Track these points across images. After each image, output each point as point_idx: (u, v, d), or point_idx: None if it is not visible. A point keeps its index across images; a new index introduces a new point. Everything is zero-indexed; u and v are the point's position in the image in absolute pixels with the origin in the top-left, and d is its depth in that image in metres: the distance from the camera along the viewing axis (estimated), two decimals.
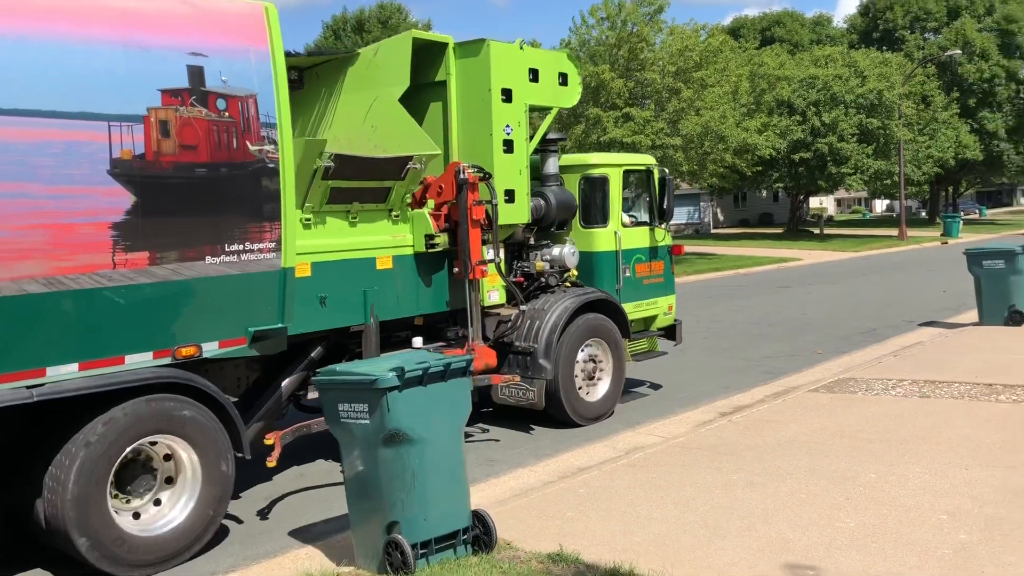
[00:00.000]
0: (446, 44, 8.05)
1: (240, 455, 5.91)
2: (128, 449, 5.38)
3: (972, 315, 13.70)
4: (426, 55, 7.99)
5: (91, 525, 5.15)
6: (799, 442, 7.28)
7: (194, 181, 5.63)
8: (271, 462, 5.71)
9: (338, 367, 5.23)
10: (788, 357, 11.94)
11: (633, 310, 9.43)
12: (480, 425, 8.72)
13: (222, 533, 6.02)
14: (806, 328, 14.49)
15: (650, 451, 7.32)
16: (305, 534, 5.99)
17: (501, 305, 8.47)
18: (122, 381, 5.34)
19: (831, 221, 62.71)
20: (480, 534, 5.11)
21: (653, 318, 9.88)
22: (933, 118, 47.02)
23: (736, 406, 9.03)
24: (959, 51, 48.01)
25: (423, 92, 8.10)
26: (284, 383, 6.72)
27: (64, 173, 5.07)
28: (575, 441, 8.09)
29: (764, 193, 57.72)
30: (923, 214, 67.86)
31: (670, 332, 10.08)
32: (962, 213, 57.23)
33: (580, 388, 8.66)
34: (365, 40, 60.21)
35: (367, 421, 4.82)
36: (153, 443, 5.60)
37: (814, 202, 65.77)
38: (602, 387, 8.89)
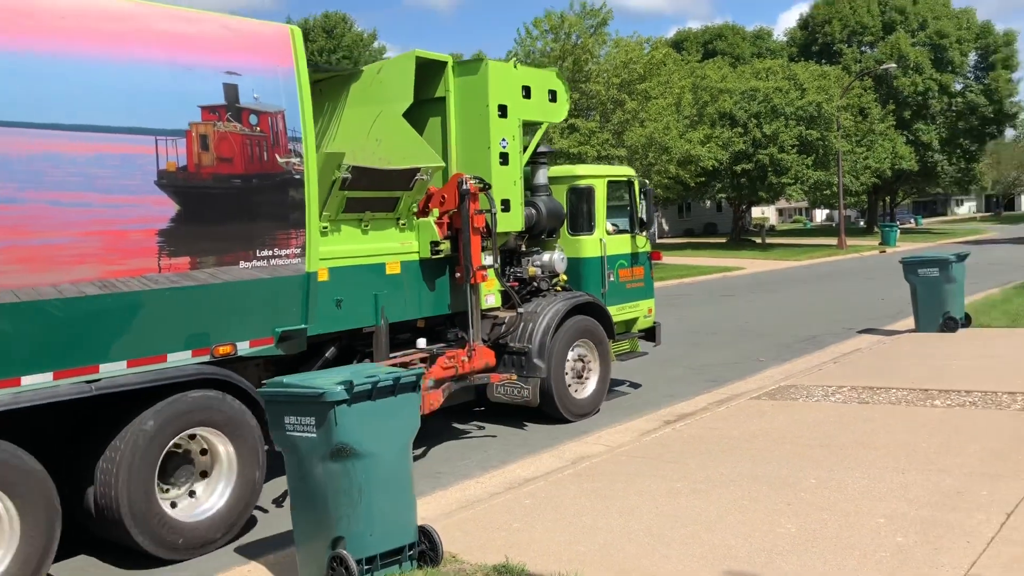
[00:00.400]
0: (445, 63, 8.53)
1: (268, 448, 6.13)
2: (173, 441, 5.80)
3: (909, 322, 14.05)
4: (426, 73, 8.43)
5: (141, 511, 5.56)
6: (742, 449, 7.40)
7: (230, 191, 6.06)
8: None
9: (285, 379, 5.17)
10: (731, 365, 12.12)
11: (617, 313, 9.95)
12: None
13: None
14: (749, 336, 14.73)
15: (595, 460, 7.38)
16: (249, 551, 5.92)
17: (497, 308, 8.85)
18: (170, 377, 5.78)
19: (773, 230, 63.88)
20: (426, 549, 5.10)
21: (634, 320, 10.44)
22: (870, 130, 48.18)
23: (680, 414, 9.14)
24: (894, 65, 49.34)
25: (423, 107, 8.50)
26: None
27: (119, 184, 5.51)
28: (522, 451, 8.13)
29: (708, 203, 58.65)
30: (862, 223, 69.46)
31: (650, 334, 10.67)
32: (899, 222, 58.66)
33: (570, 386, 9.14)
34: (309, 49, 59.77)
35: (314, 435, 4.78)
36: (192, 436, 5.96)
37: (756, 212, 66.87)
38: (590, 385, 9.40)
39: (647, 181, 10.98)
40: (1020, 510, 5.57)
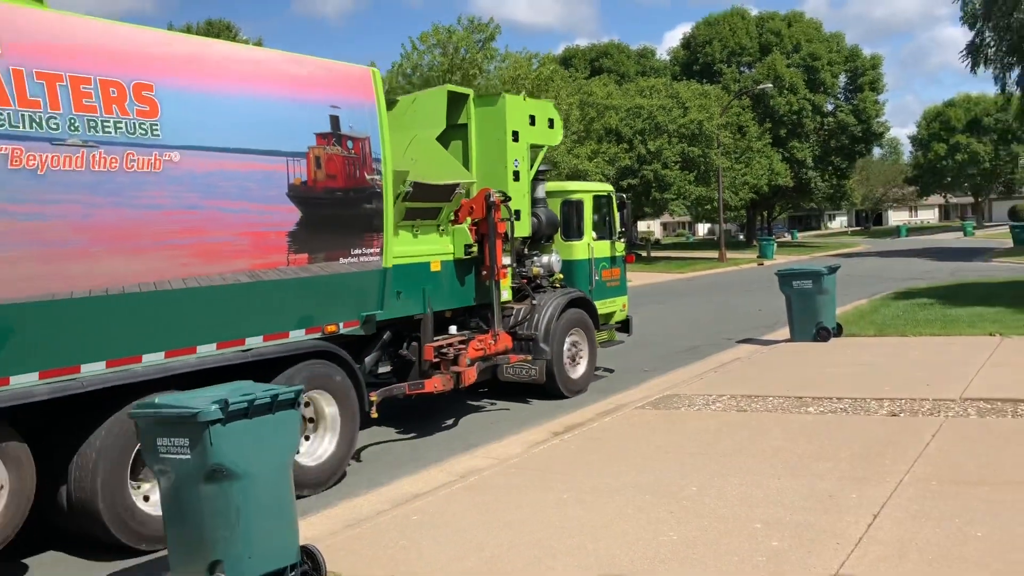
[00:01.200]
0: (468, 95, 10.26)
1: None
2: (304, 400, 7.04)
3: (785, 332, 14.58)
4: (452, 103, 10.07)
5: None
6: (627, 458, 7.52)
7: (334, 202, 7.50)
8: (374, 414, 7.93)
9: (157, 399, 4.97)
10: (618, 375, 12.33)
11: (600, 307, 11.81)
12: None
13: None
14: (634, 347, 14.99)
15: (484, 474, 7.37)
16: None
17: (508, 301, 10.40)
18: (300, 348, 7.31)
19: (658, 244, 65.57)
20: (309, 570, 4.98)
21: (612, 314, 12.40)
22: (748, 147, 50.01)
23: (568, 425, 9.23)
24: (771, 85, 51.49)
25: (447, 132, 10.05)
26: (366, 359, 8.46)
27: (262, 194, 6.88)
28: (411, 467, 8.05)
29: None
30: (741, 237, 71.95)
31: (625, 326, 12.76)
32: (776, 236, 61.05)
33: (567, 367, 10.86)
34: None
35: (188, 456, 4.61)
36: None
37: (642, 226, 68.50)
38: (581, 367, 11.23)
39: (624, 196, 12.66)
40: (885, 512, 5.84)
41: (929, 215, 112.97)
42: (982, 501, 5.93)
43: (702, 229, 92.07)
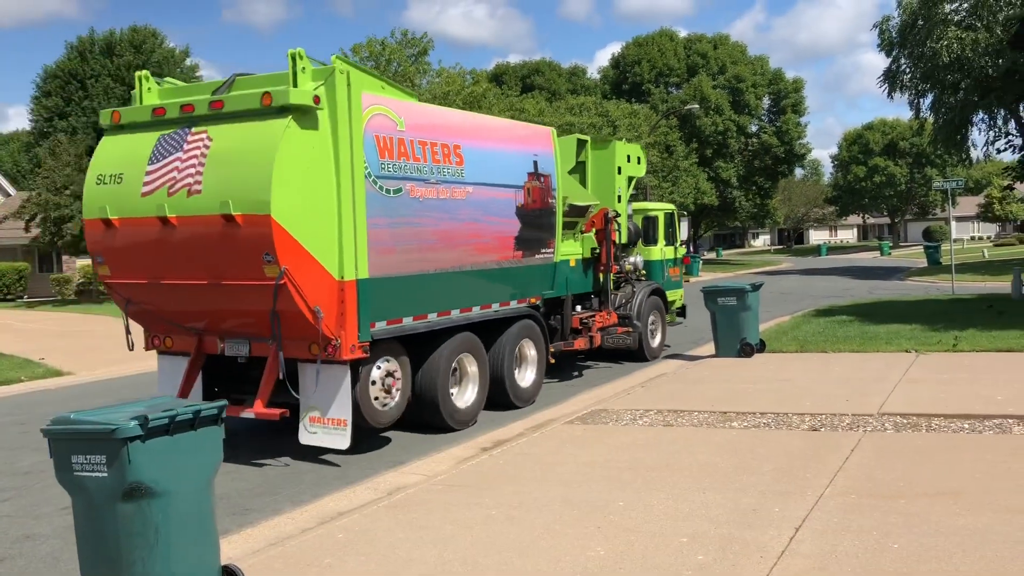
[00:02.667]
0: (587, 140, 14.92)
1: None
2: (520, 344, 11.35)
3: (710, 347, 14.81)
4: (578, 146, 14.58)
5: (510, 376, 11.11)
6: (555, 474, 7.53)
7: (535, 217, 11.43)
8: (551, 360, 12.12)
9: (73, 414, 4.78)
10: (545, 390, 12.32)
11: (669, 295, 16.01)
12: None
13: None
14: (563, 363, 15.05)
15: (411, 491, 7.29)
16: None
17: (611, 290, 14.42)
18: (518, 312, 11.30)
19: None
20: None
21: (674, 302, 16.46)
22: (675, 166, 50.91)
23: (496, 440, 9.21)
24: (697, 105, 52.50)
25: (571, 168, 14.14)
26: None
27: (504, 212, 10.80)
28: (337, 484, 7.93)
29: None
30: None
31: (682, 311, 17.09)
32: (702, 254, 62.11)
33: (649, 338, 14.90)
34: (115, 64, 56.60)
35: (104, 474, 4.45)
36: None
37: None
38: (657, 339, 15.39)
39: (684, 212, 17.27)
40: (807, 525, 5.96)
41: (848, 235, 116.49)
42: (899, 514, 6.09)
43: None
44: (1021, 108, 38.85)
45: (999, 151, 48.29)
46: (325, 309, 8.19)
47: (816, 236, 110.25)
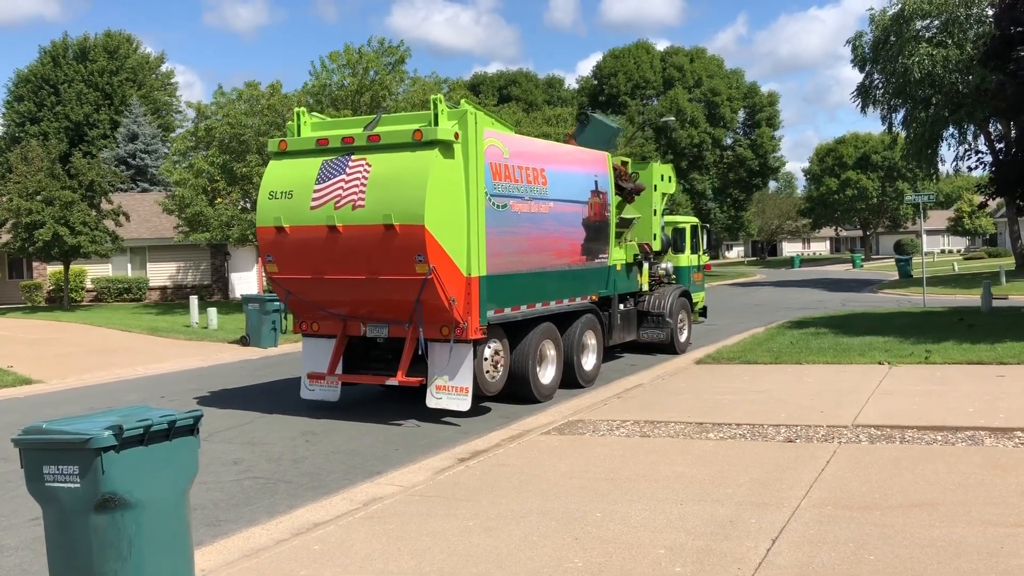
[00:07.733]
0: (627, 160, 16.62)
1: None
2: (584, 335, 13.52)
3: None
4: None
5: (578, 360, 13.31)
6: (533, 484, 7.51)
7: (595, 227, 13.81)
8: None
9: (45, 424, 4.71)
10: (522, 401, 12.31)
11: (694, 297, 18.32)
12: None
13: None
14: None
15: (388, 502, 7.24)
16: None
17: (646, 291, 16.77)
18: (584, 307, 13.60)
19: None
20: None
21: (697, 303, 18.68)
22: None
23: (474, 451, 9.17)
24: (673, 118, 52.86)
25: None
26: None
27: (572, 223, 13.17)
28: (312, 495, 7.86)
29: None
30: None
31: (704, 312, 19.48)
32: None
33: (678, 334, 16.98)
34: (89, 69, 56.15)
35: (77, 485, 4.38)
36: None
37: None
38: (684, 335, 17.50)
39: (707, 225, 18.74)
40: (784, 536, 5.98)
41: (821, 247, 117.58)
42: (874, 525, 6.13)
43: None
44: (991, 124, 39.48)
45: (970, 169, 48.98)
46: (457, 299, 10.51)
47: (789, 248, 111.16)
